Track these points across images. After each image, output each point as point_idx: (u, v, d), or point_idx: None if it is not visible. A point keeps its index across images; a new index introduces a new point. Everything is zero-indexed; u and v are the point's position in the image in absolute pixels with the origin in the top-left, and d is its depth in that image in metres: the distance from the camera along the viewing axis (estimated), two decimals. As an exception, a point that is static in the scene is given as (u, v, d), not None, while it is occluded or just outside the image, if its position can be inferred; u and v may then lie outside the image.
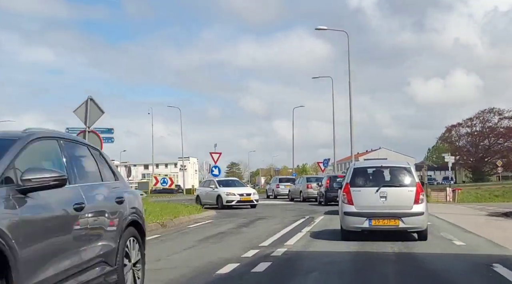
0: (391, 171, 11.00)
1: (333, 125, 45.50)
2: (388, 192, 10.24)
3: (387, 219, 10.13)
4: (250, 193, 26.03)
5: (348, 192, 10.47)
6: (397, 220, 10.07)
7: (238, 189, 26.32)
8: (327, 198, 25.65)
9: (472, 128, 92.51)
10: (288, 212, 21.65)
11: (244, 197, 25.24)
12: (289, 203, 29.74)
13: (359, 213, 10.26)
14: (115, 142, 19.88)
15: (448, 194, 33.89)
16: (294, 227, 14.42)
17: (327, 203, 25.42)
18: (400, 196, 10.30)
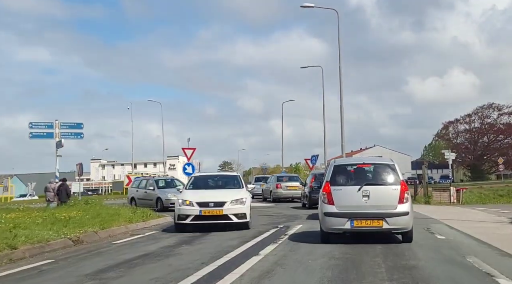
0: (374, 168, 10.23)
1: (323, 116, 41.48)
2: (371, 191, 9.61)
3: (370, 220, 9.53)
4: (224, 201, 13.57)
5: (328, 191, 9.82)
6: (380, 220, 9.48)
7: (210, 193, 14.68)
8: (312, 200, 20.73)
9: (470, 125, 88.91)
10: (261, 218, 17.60)
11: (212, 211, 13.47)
12: (270, 206, 25.67)
13: (340, 214, 9.65)
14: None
15: (452, 194, 29.89)
16: (255, 244, 10.39)
17: (312, 206, 20.68)
18: (383, 195, 9.66)
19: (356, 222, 9.56)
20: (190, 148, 33.01)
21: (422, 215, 17.76)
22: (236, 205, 13.42)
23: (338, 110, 29.44)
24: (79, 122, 37.22)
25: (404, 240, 9.90)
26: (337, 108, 29.48)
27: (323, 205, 9.92)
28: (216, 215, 13.23)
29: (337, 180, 10.02)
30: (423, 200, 28.68)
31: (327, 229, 9.93)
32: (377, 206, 9.54)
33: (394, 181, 9.82)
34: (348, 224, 9.58)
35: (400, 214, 9.53)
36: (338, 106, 29.53)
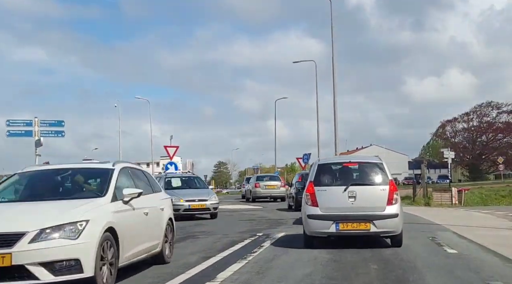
0: (360, 167, 9.70)
1: (317, 113, 39.46)
2: (357, 192, 9.09)
3: (357, 223, 8.98)
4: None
5: (312, 192, 9.28)
6: (368, 223, 8.93)
7: None
8: (298, 201, 19.35)
9: (469, 123, 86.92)
10: (241, 224, 15.51)
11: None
12: (255, 209, 23.53)
13: (324, 216, 9.10)
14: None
15: (453, 195, 27.79)
16: (217, 261, 8.23)
17: (298, 207, 18.74)
18: (371, 196, 9.15)
19: (342, 225, 8.94)
20: (173, 146, 30.84)
21: (424, 220, 15.63)
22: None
23: (331, 110, 27.51)
24: (59, 120, 35.44)
25: (394, 244, 9.22)
26: (331, 108, 27.49)
27: (306, 207, 9.32)
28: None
29: (321, 180, 9.42)
30: (423, 202, 26.58)
31: (311, 233, 9.29)
32: (364, 207, 8.97)
33: (382, 181, 9.23)
34: (333, 227, 8.96)
35: (388, 216, 8.92)
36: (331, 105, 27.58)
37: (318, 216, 9.10)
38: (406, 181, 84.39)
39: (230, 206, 26.35)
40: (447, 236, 11.15)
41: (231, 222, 16.43)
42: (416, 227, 13.26)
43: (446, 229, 12.71)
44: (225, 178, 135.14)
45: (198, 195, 17.85)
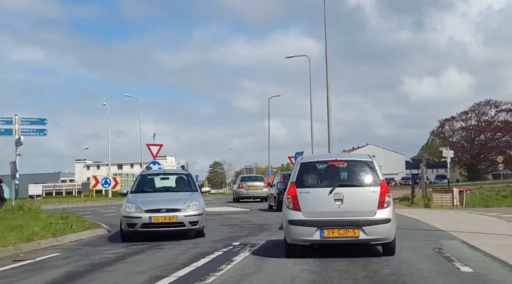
0: (348, 166, 8.62)
1: (310, 110, 37.80)
2: (345, 194, 8.05)
3: (344, 229, 7.94)
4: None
5: (294, 194, 8.23)
6: (356, 229, 7.91)
7: None
8: (280, 202, 18.94)
9: (467, 122, 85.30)
10: (220, 229, 13.86)
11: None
12: (241, 211, 21.77)
13: (307, 222, 8.03)
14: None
15: (455, 196, 26.04)
16: (172, 282, 6.47)
17: (280, 208, 17.84)
18: (360, 199, 8.11)
19: (327, 232, 7.97)
20: (156, 144, 29.03)
21: (426, 225, 13.87)
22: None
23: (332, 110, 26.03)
24: (41, 118, 34.27)
25: (385, 252, 8.28)
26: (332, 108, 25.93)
27: (287, 212, 8.30)
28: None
29: (304, 180, 8.39)
30: (422, 203, 24.81)
31: (293, 241, 8.26)
32: (352, 212, 8.03)
33: (372, 182, 8.25)
34: (317, 235, 7.99)
35: (380, 221, 7.99)
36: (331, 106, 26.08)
37: (300, 222, 8.10)
38: (404, 181, 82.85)
39: (216, 208, 24.57)
40: (455, 247, 9.39)
41: (209, 227, 14.61)
42: (418, 235, 11.52)
43: (452, 237, 10.95)
44: (221, 178, 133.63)
45: (169, 202, 11.96)
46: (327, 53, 27.04)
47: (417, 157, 29.44)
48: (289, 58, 41.99)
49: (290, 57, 41.90)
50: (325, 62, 27.06)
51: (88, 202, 39.45)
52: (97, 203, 35.80)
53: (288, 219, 8.25)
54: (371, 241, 8.19)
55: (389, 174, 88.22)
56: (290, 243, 8.34)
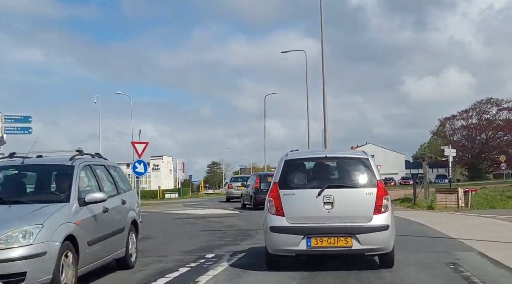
0: (340, 164, 7.53)
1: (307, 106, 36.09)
2: (335, 196, 6.92)
3: (335, 237, 6.80)
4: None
5: (277, 196, 7.06)
6: (349, 238, 6.77)
7: None
8: (257, 201, 21.36)
9: (468, 121, 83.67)
10: (200, 236, 12.18)
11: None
12: (232, 214, 20.11)
13: (292, 229, 6.88)
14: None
15: (460, 197, 24.33)
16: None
17: (256, 207, 21.19)
18: (353, 202, 7.00)
19: (315, 241, 6.91)
20: (141, 142, 27.37)
21: (433, 232, 12.20)
22: None
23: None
24: (26, 115, 32.95)
25: (382, 264, 7.26)
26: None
27: (268, 217, 7.18)
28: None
29: (289, 180, 7.31)
30: (425, 205, 23.12)
31: (275, 251, 7.13)
32: (344, 217, 7.00)
33: (368, 182, 7.22)
34: (303, 244, 6.91)
35: (376, 228, 6.94)
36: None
37: (283, 229, 6.97)
38: (403, 181, 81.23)
39: (204, 210, 22.91)
40: (474, 262, 7.71)
41: (187, 233, 12.99)
42: (425, 244, 9.86)
43: (468, 248, 9.26)
44: (219, 178, 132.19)
45: None
46: (322, 43, 25.40)
47: (419, 155, 27.81)
48: (285, 52, 40.45)
49: (286, 51, 40.30)
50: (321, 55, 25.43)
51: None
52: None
53: (269, 226, 7.07)
54: (366, 252, 7.07)
55: (389, 174, 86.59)
56: (272, 254, 7.19)
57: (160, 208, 25.40)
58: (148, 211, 23.24)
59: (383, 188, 7.14)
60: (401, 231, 12.25)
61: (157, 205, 28.47)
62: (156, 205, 28.45)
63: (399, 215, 17.18)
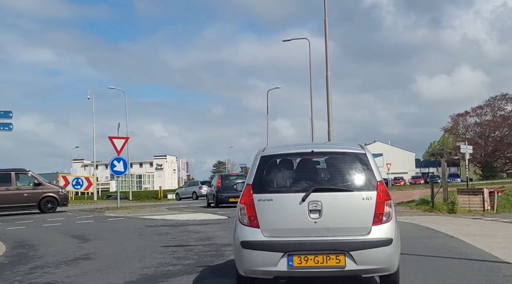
0: (330, 161, 5.81)
1: (311, 100, 33.02)
2: (324, 203, 5.35)
3: (323, 255, 5.26)
4: None
5: (250, 202, 5.46)
6: (341, 255, 5.24)
7: None
8: (219, 199, 24.19)
9: (481, 117, 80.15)
10: (153, 256, 9.11)
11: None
12: (215, 219, 17.01)
13: (269, 244, 5.31)
14: None
15: (485, 199, 21.06)
16: None
17: (218, 205, 24.03)
18: (347, 210, 5.39)
19: (298, 260, 5.21)
20: (121, 137, 24.34)
21: (472, 250, 8.98)
22: None
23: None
24: (6, 110, 30.46)
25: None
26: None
27: (239, 228, 5.48)
28: None
29: (265, 182, 5.59)
30: (446, 208, 19.86)
31: (247, 272, 5.44)
32: (335, 229, 5.27)
33: (366, 184, 5.46)
34: (283, 264, 5.22)
35: (376, 243, 5.19)
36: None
37: (258, 245, 5.33)
38: (414, 180, 77.88)
39: (187, 215, 19.76)
40: None
41: (143, 251, 9.87)
42: (464, 271, 6.67)
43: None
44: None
45: None
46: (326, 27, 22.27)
47: (437, 151, 24.43)
48: (287, 41, 37.50)
49: (288, 40, 37.43)
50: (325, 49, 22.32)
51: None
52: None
53: (240, 240, 5.46)
54: (363, 273, 5.45)
55: (398, 173, 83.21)
56: (244, 276, 5.59)
57: (141, 211, 22.30)
58: (123, 216, 20.15)
59: (384, 191, 5.51)
60: (429, 248, 9.17)
61: (140, 208, 25.32)
62: (139, 208, 25.30)
63: (419, 223, 13.96)
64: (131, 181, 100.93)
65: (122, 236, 12.82)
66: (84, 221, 18.41)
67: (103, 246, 10.73)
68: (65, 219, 19.87)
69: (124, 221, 17.67)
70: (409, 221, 14.55)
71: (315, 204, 5.38)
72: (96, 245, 10.98)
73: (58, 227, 15.99)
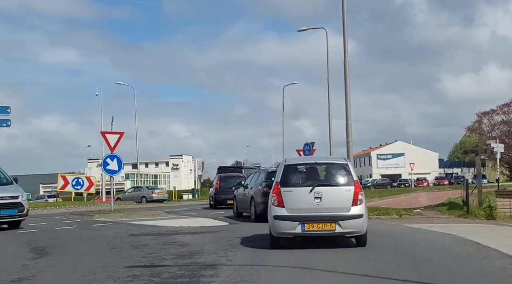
0: (326, 168, 10.01)
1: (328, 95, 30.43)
2: (323, 192, 9.24)
3: (323, 223, 9.14)
4: None
5: (278, 193, 9.36)
6: (333, 224, 9.12)
7: None
8: (216, 201, 23.87)
9: (508, 115, 76.43)
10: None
11: None
12: (209, 228, 14.54)
13: (291, 217, 9.21)
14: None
15: (529, 203, 18.19)
16: None
17: (216, 206, 23.60)
18: (336, 197, 9.32)
19: (308, 226, 9.13)
20: (115, 132, 21.95)
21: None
22: None
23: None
24: (4, 106, 28.73)
25: (358, 244, 9.50)
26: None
27: (273, 208, 9.40)
28: None
29: (287, 180, 9.51)
30: (483, 214, 17.06)
31: (278, 234, 9.38)
32: (329, 208, 9.19)
33: (347, 182, 9.45)
34: (299, 228, 9.13)
35: (354, 216, 9.15)
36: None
37: (284, 217, 9.18)
38: (438, 181, 74.43)
39: (183, 221, 17.31)
40: None
41: (93, 274, 7.42)
42: None
43: None
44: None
45: None
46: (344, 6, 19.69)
47: (470, 148, 21.59)
48: (302, 31, 34.87)
49: (303, 30, 34.76)
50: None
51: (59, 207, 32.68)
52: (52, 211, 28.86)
53: (273, 215, 9.26)
54: (346, 234, 9.30)
55: (421, 173, 79.76)
56: (275, 236, 9.39)
57: (135, 215, 19.86)
58: (113, 221, 17.79)
59: (358, 186, 9.41)
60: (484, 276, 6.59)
61: (135, 211, 22.79)
62: (134, 211, 22.75)
63: (458, 234, 11.21)
64: (146, 181, 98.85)
65: (91, 249, 10.42)
66: (66, 227, 16.11)
67: (53, 266, 8.32)
68: (47, 224, 17.61)
69: (109, 228, 15.31)
70: (445, 231, 11.92)
71: (318, 193, 9.10)
72: (47, 263, 8.59)
73: (30, 235, 13.70)
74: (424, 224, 14.03)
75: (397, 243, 10.21)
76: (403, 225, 13.92)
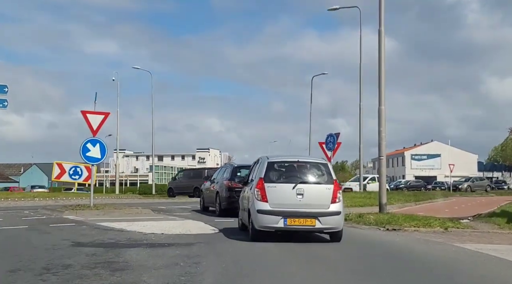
0: (308, 167, 10.41)
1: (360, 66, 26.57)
2: (305, 189, 9.85)
3: (304, 219, 9.70)
4: None
5: (262, 188, 9.88)
6: (313, 219, 9.70)
7: None
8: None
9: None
10: None
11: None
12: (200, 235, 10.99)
13: (273, 212, 9.71)
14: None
15: None
16: None
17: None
18: (317, 194, 9.95)
19: (289, 221, 9.65)
20: (97, 112, 18.40)
21: None
22: None
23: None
24: (2, 84, 26.63)
25: (333, 239, 10.07)
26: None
27: (256, 202, 9.83)
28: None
29: (271, 177, 10.03)
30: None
31: (260, 227, 9.80)
32: (310, 205, 9.72)
33: (327, 181, 10.06)
34: (281, 222, 9.65)
35: (332, 213, 9.75)
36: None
37: (267, 211, 9.65)
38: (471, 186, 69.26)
39: (162, 223, 13.79)
40: None
41: None
42: None
43: None
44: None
45: None
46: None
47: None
48: (333, 10, 31.16)
49: (335, 9, 31.10)
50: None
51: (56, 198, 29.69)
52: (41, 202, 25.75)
53: (256, 209, 9.73)
54: (325, 230, 9.95)
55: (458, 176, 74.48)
56: (257, 229, 9.79)
57: (113, 214, 16.25)
58: (80, 220, 14.36)
59: (337, 185, 10.04)
60: None
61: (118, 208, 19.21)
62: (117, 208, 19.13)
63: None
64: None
65: None
66: (15, 227, 12.76)
67: None
68: (2, 220, 14.33)
69: (66, 230, 11.95)
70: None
71: (300, 190, 9.78)
72: None
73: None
74: (483, 244, 10.15)
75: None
76: (454, 245, 10.04)
